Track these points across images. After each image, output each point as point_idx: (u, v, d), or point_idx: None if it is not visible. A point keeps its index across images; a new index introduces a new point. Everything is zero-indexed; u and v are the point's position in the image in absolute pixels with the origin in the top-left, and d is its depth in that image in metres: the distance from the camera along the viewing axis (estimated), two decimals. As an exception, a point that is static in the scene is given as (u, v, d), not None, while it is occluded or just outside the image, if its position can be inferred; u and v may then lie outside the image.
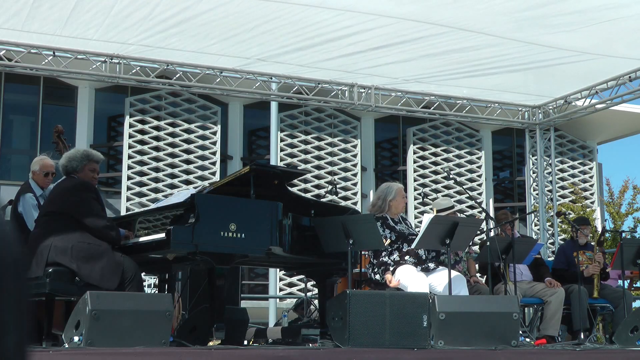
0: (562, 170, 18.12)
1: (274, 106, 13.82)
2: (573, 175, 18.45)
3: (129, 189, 15.23)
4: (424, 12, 7.60)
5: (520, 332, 5.57)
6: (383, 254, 6.07)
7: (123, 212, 14.10)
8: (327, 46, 8.42)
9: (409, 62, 8.88)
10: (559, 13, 7.52)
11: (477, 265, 7.65)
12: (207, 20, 7.82)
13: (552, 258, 9.00)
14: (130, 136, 15.40)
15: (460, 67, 8.98)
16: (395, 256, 6.05)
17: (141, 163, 15.41)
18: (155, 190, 15.31)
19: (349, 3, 7.47)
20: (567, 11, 7.47)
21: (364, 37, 8.13)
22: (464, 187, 13.23)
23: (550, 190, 11.00)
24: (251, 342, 6.93)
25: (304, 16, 7.75)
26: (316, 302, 8.10)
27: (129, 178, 15.26)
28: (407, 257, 6.04)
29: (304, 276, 7.44)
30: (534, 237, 11.05)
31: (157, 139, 15.58)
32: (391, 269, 6.00)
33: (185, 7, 7.51)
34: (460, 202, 16.73)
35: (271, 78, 9.44)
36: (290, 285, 15.83)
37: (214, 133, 15.96)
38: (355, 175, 16.91)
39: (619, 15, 7.45)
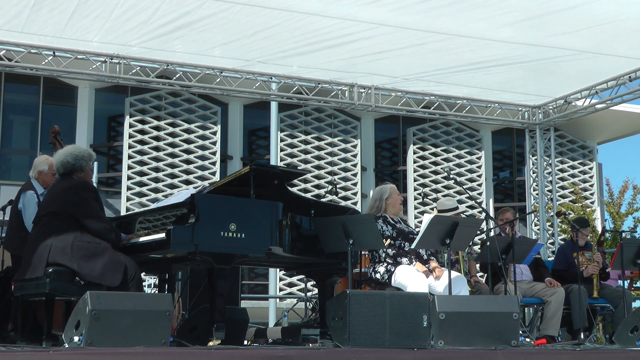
0: (562, 170, 18.10)
1: (274, 106, 13.82)
2: (573, 175, 18.43)
3: (129, 189, 15.22)
4: (424, 21, 7.67)
5: (520, 332, 5.56)
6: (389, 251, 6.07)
7: (123, 212, 14.09)
8: (327, 50, 8.47)
9: (408, 64, 8.92)
10: (559, 20, 7.56)
11: (477, 266, 7.65)
12: (208, 26, 7.84)
13: (552, 258, 8.99)
14: (130, 136, 15.39)
15: (460, 67, 9.00)
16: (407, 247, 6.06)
17: (141, 163, 15.40)
18: (155, 190, 15.29)
19: (349, 12, 7.50)
20: (567, 20, 7.53)
21: (365, 42, 8.19)
22: (464, 187, 13.23)
23: (550, 190, 11.00)
24: (251, 342, 6.93)
25: (304, 24, 7.80)
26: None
27: (129, 178, 15.25)
28: (405, 258, 6.04)
29: (304, 276, 7.45)
30: (534, 237, 11.06)
31: (157, 139, 15.57)
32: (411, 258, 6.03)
33: (185, 12, 7.53)
34: (460, 202, 16.70)
35: (271, 78, 9.45)
36: (290, 285, 15.82)
37: (214, 133, 15.95)
38: (355, 175, 16.90)
39: (618, 17, 7.47)
